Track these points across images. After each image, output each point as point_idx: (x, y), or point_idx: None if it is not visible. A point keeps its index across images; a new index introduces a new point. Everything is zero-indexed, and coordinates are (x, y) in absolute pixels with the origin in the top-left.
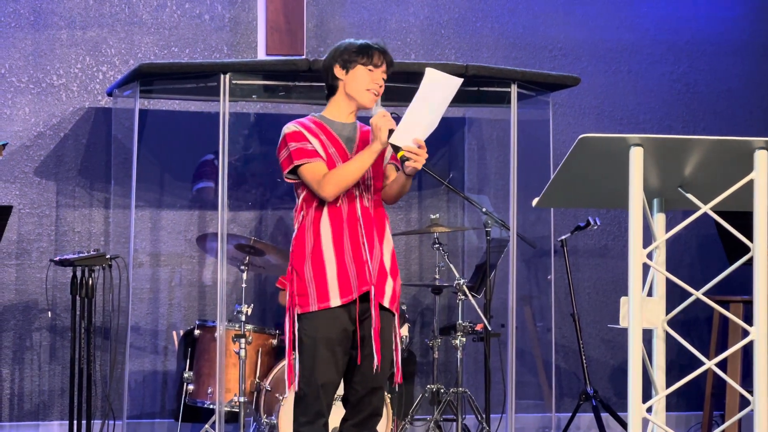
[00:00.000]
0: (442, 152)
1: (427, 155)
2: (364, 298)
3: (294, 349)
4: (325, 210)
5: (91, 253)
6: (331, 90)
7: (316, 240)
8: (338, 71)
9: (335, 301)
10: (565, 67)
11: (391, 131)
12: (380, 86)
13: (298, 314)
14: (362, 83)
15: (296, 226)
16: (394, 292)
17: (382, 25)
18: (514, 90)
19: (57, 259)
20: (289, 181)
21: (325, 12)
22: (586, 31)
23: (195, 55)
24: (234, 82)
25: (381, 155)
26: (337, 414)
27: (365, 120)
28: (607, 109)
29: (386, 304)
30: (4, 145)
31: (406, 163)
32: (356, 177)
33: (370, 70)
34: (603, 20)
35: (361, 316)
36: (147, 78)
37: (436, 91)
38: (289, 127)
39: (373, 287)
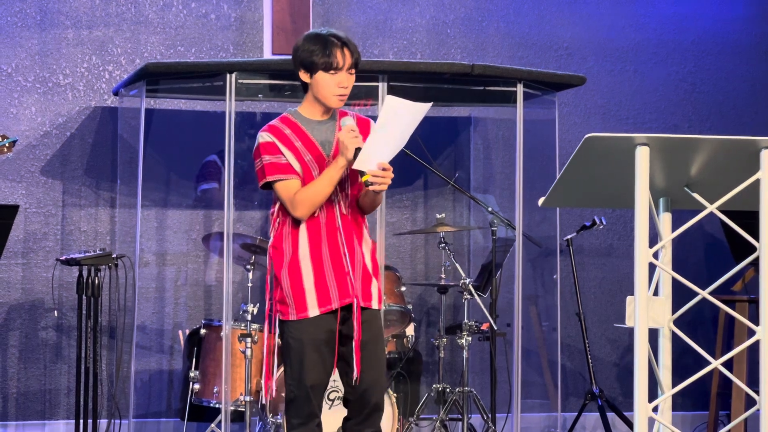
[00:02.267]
0: (448, 152)
1: (392, 176)
2: (347, 306)
3: (272, 354)
4: (303, 220)
5: (97, 252)
6: (304, 88)
7: (294, 249)
8: (303, 75)
9: (314, 311)
10: (571, 66)
11: (357, 150)
12: (346, 87)
13: (280, 320)
14: (327, 89)
15: (273, 233)
16: (379, 290)
17: (387, 24)
18: (519, 89)
19: (63, 258)
20: (264, 190)
21: (331, 11)
22: (592, 30)
23: (201, 54)
24: (240, 81)
25: None
26: (340, 414)
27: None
28: (613, 108)
29: (375, 305)
30: (13, 142)
31: (370, 188)
32: (326, 195)
33: (332, 74)
34: (609, 20)
35: (343, 319)
36: (153, 77)
37: (400, 118)
38: (263, 136)
39: (356, 299)
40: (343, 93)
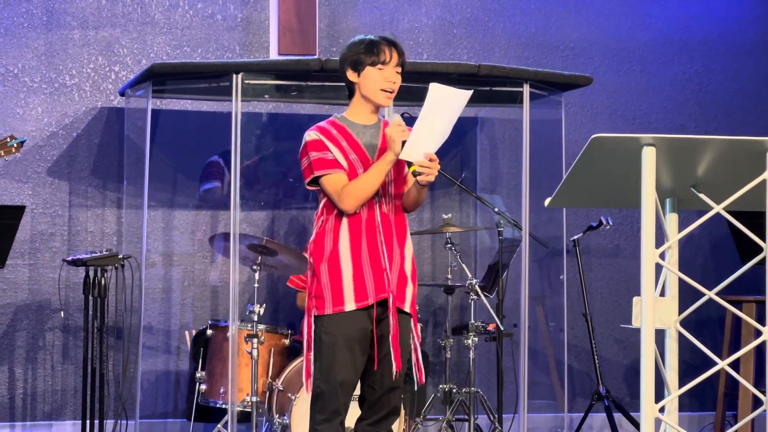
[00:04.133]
0: (455, 152)
1: (438, 167)
2: (381, 302)
3: (311, 350)
4: (345, 217)
5: (104, 252)
6: (350, 91)
7: (335, 244)
8: (350, 75)
9: (350, 305)
10: (577, 66)
11: (404, 142)
12: (394, 83)
13: (315, 315)
14: (375, 84)
15: (315, 230)
16: (414, 296)
17: (394, 24)
18: (526, 90)
19: (70, 258)
20: (310, 188)
21: (338, 12)
22: (599, 30)
23: (207, 54)
24: (246, 81)
25: (402, 162)
26: (352, 414)
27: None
28: (619, 108)
29: (407, 308)
30: (21, 143)
31: (418, 177)
32: (374, 188)
33: (380, 69)
34: (615, 20)
35: (378, 318)
36: (159, 78)
37: (443, 106)
38: (310, 135)
39: (391, 294)
40: (390, 89)
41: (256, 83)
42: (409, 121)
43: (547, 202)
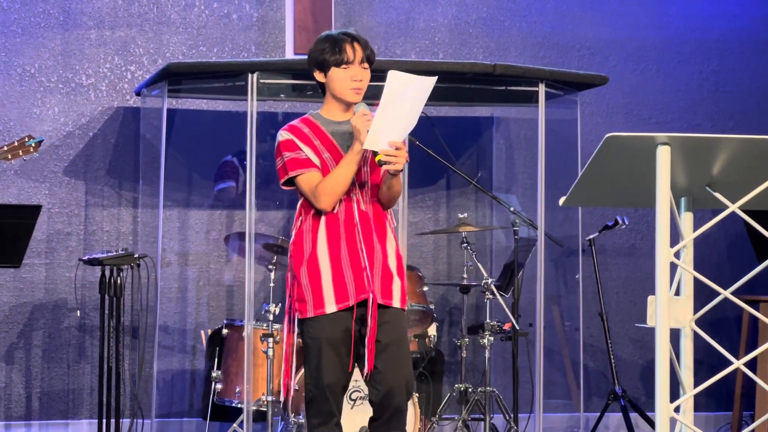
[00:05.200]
0: (471, 152)
1: (406, 155)
2: (364, 302)
3: (292, 353)
4: (323, 216)
5: (120, 252)
6: (322, 89)
7: (313, 246)
8: (318, 75)
9: (331, 307)
10: (593, 66)
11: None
12: (361, 80)
13: (299, 319)
14: (341, 84)
15: (294, 231)
16: (403, 290)
17: (410, 24)
18: (541, 89)
19: (86, 258)
20: (285, 188)
21: (353, 11)
22: (614, 30)
23: (223, 54)
24: (262, 81)
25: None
26: (365, 413)
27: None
28: (635, 108)
29: (396, 304)
30: (39, 142)
31: (384, 167)
32: (346, 182)
33: (344, 68)
34: (631, 19)
35: (361, 319)
36: (175, 77)
37: (404, 93)
38: (282, 135)
39: (371, 294)
40: (358, 87)
41: (271, 83)
42: None
43: (562, 201)
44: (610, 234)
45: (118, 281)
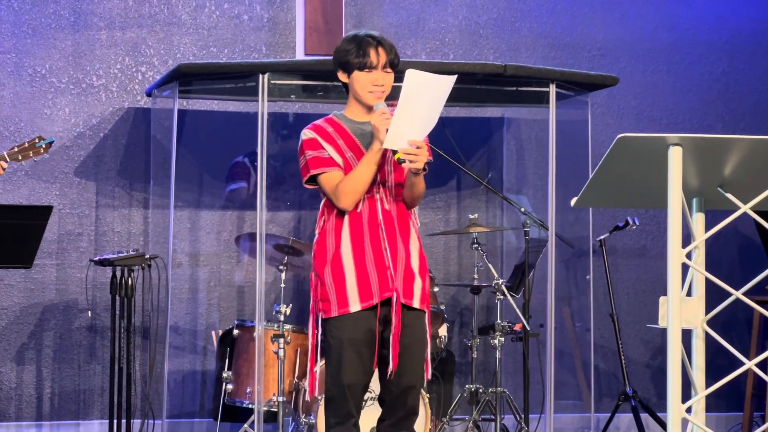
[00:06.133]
0: (481, 152)
1: (426, 153)
2: (388, 301)
3: (317, 353)
4: (346, 215)
5: (131, 253)
6: (346, 88)
7: (337, 245)
8: (341, 76)
9: (355, 306)
10: (603, 66)
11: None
12: (382, 85)
13: (322, 319)
14: (363, 87)
15: (317, 231)
16: (423, 291)
17: (420, 25)
18: (552, 90)
19: (97, 258)
20: (308, 187)
21: (364, 12)
22: (625, 30)
23: (234, 55)
24: (272, 82)
25: None
26: (374, 414)
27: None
28: (646, 108)
29: (416, 305)
30: (50, 143)
31: (404, 165)
32: (367, 181)
33: (367, 72)
34: (642, 20)
35: (385, 320)
36: (186, 78)
37: (423, 92)
38: (305, 134)
39: (395, 293)
40: (378, 91)
41: (282, 83)
42: None
43: (573, 202)
44: (621, 235)
45: (129, 282)
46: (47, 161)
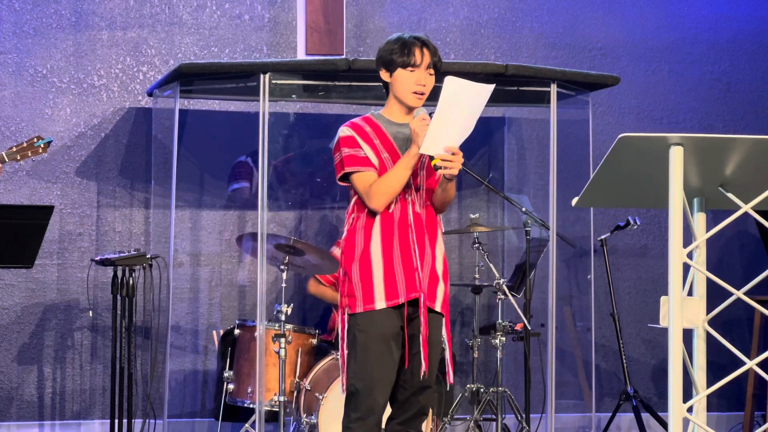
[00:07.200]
0: (482, 152)
1: (462, 160)
2: (413, 302)
3: (346, 347)
4: (378, 215)
5: (132, 252)
6: (387, 89)
7: (366, 243)
8: (384, 74)
9: (380, 304)
10: (604, 66)
11: None
12: (424, 85)
13: (348, 314)
14: (405, 86)
15: (346, 228)
16: (445, 295)
17: (421, 24)
18: (553, 90)
19: (98, 258)
20: (341, 184)
21: (365, 12)
22: (626, 30)
23: (235, 55)
24: (274, 81)
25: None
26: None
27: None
28: (647, 108)
29: (438, 308)
30: (48, 143)
31: (439, 171)
32: (401, 184)
33: (411, 71)
34: (643, 20)
35: (409, 317)
36: (187, 78)
37: (462, 99)
38: (343, 131)
39: (422, 294)
40: (421, 91)
41: (283, 83)
42: None
43: (574, 201)
44: (622, 234)
45: (131, 282)
46: (48, 161)
